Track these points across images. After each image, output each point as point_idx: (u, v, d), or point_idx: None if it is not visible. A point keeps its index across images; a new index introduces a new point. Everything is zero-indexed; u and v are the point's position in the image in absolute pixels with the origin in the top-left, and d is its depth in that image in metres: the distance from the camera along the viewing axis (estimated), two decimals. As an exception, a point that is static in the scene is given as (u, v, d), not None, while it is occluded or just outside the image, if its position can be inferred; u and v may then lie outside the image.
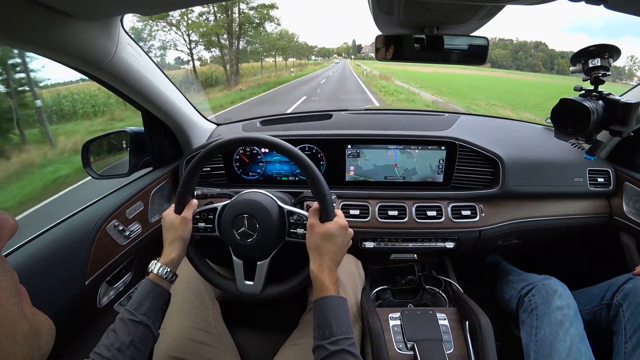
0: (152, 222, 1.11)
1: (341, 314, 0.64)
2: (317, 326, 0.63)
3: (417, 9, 0.73)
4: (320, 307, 0.65)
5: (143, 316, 0.64)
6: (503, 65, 72.04)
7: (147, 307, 0.65)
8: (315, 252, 0.69)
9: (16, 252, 0.75)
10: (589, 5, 0.59)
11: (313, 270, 0.69)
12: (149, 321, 0.64)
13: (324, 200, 0.71)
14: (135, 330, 0.62)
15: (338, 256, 0.70)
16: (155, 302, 0.67)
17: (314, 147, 1.19)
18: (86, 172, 1.11)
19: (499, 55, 77.90)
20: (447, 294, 1.14)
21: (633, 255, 1.13)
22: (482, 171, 1.17)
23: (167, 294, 0.71)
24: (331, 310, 0.64)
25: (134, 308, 0.65)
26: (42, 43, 0.65)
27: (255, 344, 0.95)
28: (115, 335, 0.61)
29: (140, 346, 0.62)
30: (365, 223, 1.12)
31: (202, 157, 0.76)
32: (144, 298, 0.66)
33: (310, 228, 0.71)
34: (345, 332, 0.61)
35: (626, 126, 0.81)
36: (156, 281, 0.69)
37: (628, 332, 0.88)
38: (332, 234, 0.69)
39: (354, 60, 78.90)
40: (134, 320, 0.63)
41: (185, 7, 0.71)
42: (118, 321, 0.64)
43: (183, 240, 0.74)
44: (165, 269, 0.71)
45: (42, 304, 0.39)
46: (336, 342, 0.59)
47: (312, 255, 0.70)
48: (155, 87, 0.99)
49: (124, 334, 0.61)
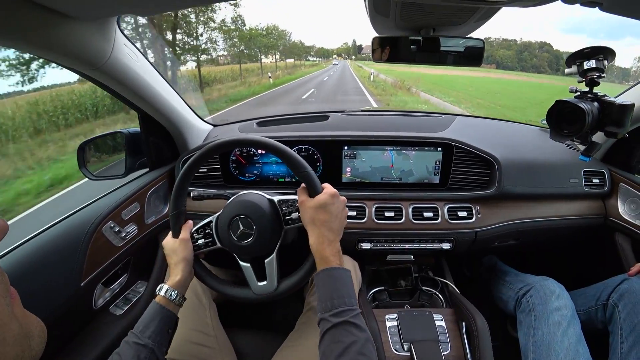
0: (148, 223, 1.10)
1: (343, 285, 0.62)
2: (319, 299, 0.62)
3: (413, 11, 0.73)
4: (321, 279, 0.63)
5: (148, 339, 0.62)
6: (508, 67, 69.08)
7: (152, 331, 0.64)
8: (312, 225, 0.68)
9: (11, 254, 0.74)
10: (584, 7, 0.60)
11: (312, 244, 0.67)
12: (154, 345, 0.63)
13: (307, 176, 0.70)
14: (139, 353, 0.61)
15: (335, 224, 0.69)
16: (161, 326, 0.65)
17: (310, 149, 1.19)
18: (82, 172, 1.10)
19: (503, 56, 74.74)
20: (443, 295, 1.14)
21: (628, 255, 1.14)
22: (478, 172, 1.17)
23: (175, 318, 0.69)
24: (333, 281, 0.62)
25: (139, 331, 0.63)
26: (38, 43, 0.65)
27: (252, 345, 0.95)
28: (119, 358, 0.60)
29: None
30: (361, 224, 1.12)
31: (196, 161, 0.75)
32: (150, 321, 0.65)
33: (302, 205, 0.70)
34: (349, 304, 0.59)
35: (621, 127, 0.82)
36: (163, 304, 0.68)
37: (624, 332, 0.89)
38: (324, 203, 0.68)
39: (355, 61, 72.89)
40: (138, 343, 0.62)
41: (182, 8, 0.71)
42: (124, 344, 0.63)
43: (186, 261, 0.73)
44: (172, 291, 0.69)
45: (38, 305, 0.39)
46: (339, 313, 0.58)
47: (309, 229, 0.68)
48: (152, 88, 0.99)
49: (128, 357, 0.60)
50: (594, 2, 0.58)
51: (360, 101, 12.52)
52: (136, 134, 1.15)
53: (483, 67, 60.65)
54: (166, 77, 1.03)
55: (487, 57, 75.09)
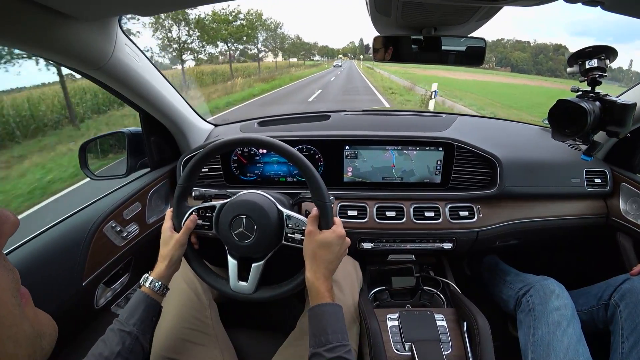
0: (149, 222, 1.10)
1: (337, 321, 0.65)
2: (312, 334, 0.63)
3: (414, 11, 0.73)
4: (315, 314, 0.65)
5: (133, 327, 0.65)
6: (523, 70, 65.25)
7: (137, 318, 0.66)
8: (312, 259, 0.70)
9: (12, 254, 0.75)
10: (586, 6, 0.60)
11: (309, 277, 0.69)
12: (138, 332, 0.65)
13: (324, 207, 0.71)
14: (124, 340, 0.63)
15: (334, 264, 0.71)
16: (146, 314, 0.68)
17: (312, 148, 1.19)
18: (84, 173, 1.10)
19: (519, 58, 70.65)
20: (444, 294, 1.14)
21: (630, 255, 1.14)
22: (479, 172, 1.17)
23: (159, 307, 0.72)
24: (327, 317, 0.64)
25: (124, 319, 0.66)
26: (39, 43, 0.65)
27: (252, 345, 0.95)
28: (104, 345, 0.62)
29: (128, 356, 0.63)
30: (363, 224, 1.12)
31: (199, 160, 0.76)
32: (135, 309, 0.67)
33: (309, 235, 0.71)
34: (342, 339, 0.62)
35: (623, 127, 0.82)
36: (148, 293, 0.70)
37: (625, 332, 0.88)
38: (330, 242, 0.70)
39: (363, 61, 61.01)
40: (123, 330, 0.64)
41: (183, 7, 0.71)
42: (109, 331, 0.65)
43: (173, 259, 0.75)
44: (156, 282, 0.71)
45: (39, 305, 0.38)
46: (332, 349, 0.60)
47: (309, 262, 0.70)
48: (153, 88, 0.99)
49: (113, 344, 0.62)
50: (595, 2, 0.58)
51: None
52: (137, 134, 1.16)
53: (497, 70, 58.27)
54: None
55: (502, 60, 71.05)
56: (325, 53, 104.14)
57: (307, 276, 0.70)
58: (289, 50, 48.35)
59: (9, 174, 5.07)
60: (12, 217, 0.34)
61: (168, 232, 0.77)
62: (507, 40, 79.18)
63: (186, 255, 0.80)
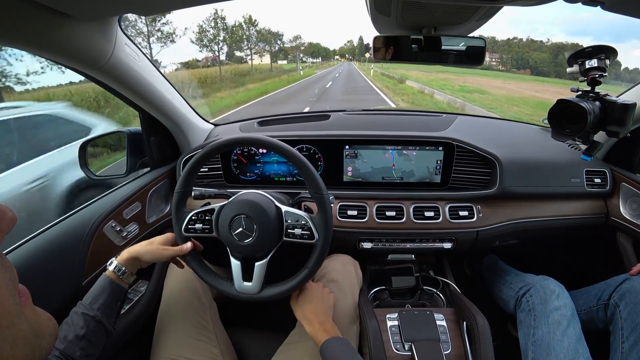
0: (149, 222, 1.10)
1: (343, 353, 0.69)
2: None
3: (414, 10, 0.73)
4: (324, 355, 0.70)
5: (97, 311, 0.66)
6: (543, 72, 55.32)
7: (101, 303, 0.67)
8: (305, 320, 0.77)
9: (11, 254, 0.74)
10: (586, 6, 0.60)
11: (310, 333, 0.75)
12: (102, 317, 0.66)
13: (321, 200, 0.73)
14: (88, 324, 0.64)
15: (322, 307, 0.78)
16: (110, 299, 0.69)
17: (311, 148, 1.19)
18: (84, 172, 1.10)
19: (538, 59, 60.97)
20: (444, 294, 1.14)
21: (630, 255, 1.14)
22: (479, 172, 1.17)
23: (124, 292, 0.73)
24: (334, 354, 0.69)
25: (88, 302, 0.67)
26: (39, 43, 0.65)
27: (252, 344, 0.95)
28: (68, 328, 0.63)
29: (92, 339, 0.64)
30: (363, 224, 1.12)
31: (196, 162, 0.76)
32: (99, 294, 0.68)
33: (293, 304, 0.81)
34: None
35: (623, 127, 0.82)
36: (113, 278, 0.71)
37: (625, 332, 0.88)
38: (308, 297, 0.79)
39: (370, 64, 42.39)
40: (87, 314, 0.65)
41: (183, 7, 0.71)
42: (72, 314, 0.66)
43: (138, 255, 0.75)
44: (121, 267, 0.72)
45: (39, 304, 0.38)
46: None
47: (304, 324, 0.77)
48: (153, 87, 0.99)
49: (77, 327, 0.63)
50: (595, 1, 0.58)
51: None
52: (137, 134, 1.16)
53: (516, 74, 53.00)
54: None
55: (517, 60, 64.46)
56: (312, 52, 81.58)
57: (307, 331, 0.75)
58: (261, 50, 42.35)
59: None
60: (10, 212, 0.32)
61: (163, 243, 0.79)
62: (520, 39, 72.66)
63: (189, 260, 0.80)
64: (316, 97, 13.76)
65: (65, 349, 0.60)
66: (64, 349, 0.60)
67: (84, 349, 0.62)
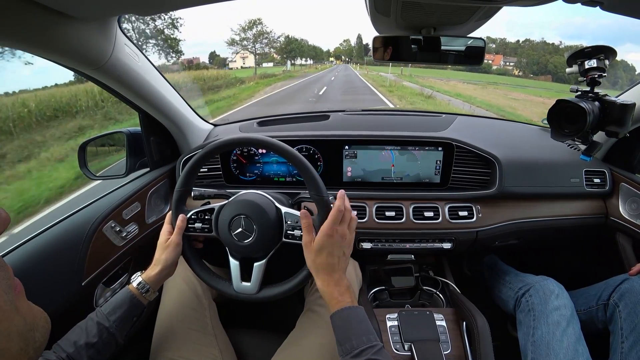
0: (149, 222, 1.10)
1: (359, 322, 0.63)
2: (338, 342, 0.63)
3: (414, 11, 0.73)
4: (335, 322, 0.64)
5: (112, 323, 0.66)
6: (563, 79, 43.17)
7: (118, 316, 0.67)
8: (315, 271, 0.69)
9: (11, 254, 0.74)
10: (585, 6, 0.60)
11: (319, 287, 0.68)
12: (116, 330, 0.66)
13: (321, 201, 0.72)
14: (101, 334, 0.64)
15: (339, 265, 0.69)
16: (127, 313, 0.68)
17: (311, 148, 1.19)
18: (83, 173, 1.10)
19: (558, 64, 49.05)
20: (444, 294, 1.14)
21: (629, 255, 1.14)
22: (479, 172, 1.17)
23: (142, 308, 0.72)
24: (349, 322, 0.63)
25: (106, 313, 0.67)
26: (38, 43, 0.65)
27: (252, 344, 0.95)
28: (81, 333, 0.63)
29: (101, 349, 0.64)
30: (362, 224, 1.12)
31: (196, 162, 0.76)
32: (118, 307, 0.68)
33: (306, 247, 0.70)
34: (367, 341, 0.60)
35: (622, 127, 0.82)
36: (134, 293, 0.70)
37: (624, 332, 0.88)
38: (323, 246, 0.68)
39: (380, 72, 34.77)
40: (102, 324, 0.65)
41: (183, 7, 0.71)
42: (88, 320, 0.66)
43: (167, 264, 0.74)
44: (144, 284, 0.72)
45: (38, 304, 0.38)
46: (359, 354, 0.59)
47: (314, 275, 0.70)
48: (153, 88, 0.99)
49: (90, 335, 0.63)
50: (595, 2, 0.58)
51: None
52: (137, 134, 1.15)
53: (537, 80, 45.11)
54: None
55: (532, 64, 55.47)
56: (290, 51, 64.75)
57: (318, 286, 0.69)
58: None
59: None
60: (3, 213, 0.34)
61: (164, 236, 0.77)
62: (532, 41, 64.12)
63: (188, 259, 0.80)
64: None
65: (73, 353, 0.60)
66: (72, 353, 0.60)
67: (91, 357, 0.62)
